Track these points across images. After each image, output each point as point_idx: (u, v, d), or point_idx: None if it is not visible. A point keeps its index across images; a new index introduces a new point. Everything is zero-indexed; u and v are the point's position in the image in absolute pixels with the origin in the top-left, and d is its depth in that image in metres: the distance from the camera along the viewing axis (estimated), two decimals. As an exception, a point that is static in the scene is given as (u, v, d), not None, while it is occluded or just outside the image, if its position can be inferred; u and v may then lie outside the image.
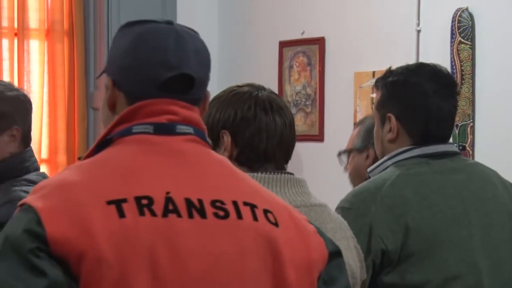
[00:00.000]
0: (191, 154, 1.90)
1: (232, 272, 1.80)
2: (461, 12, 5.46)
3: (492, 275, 3.01)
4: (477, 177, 3.10)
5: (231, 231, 1.82)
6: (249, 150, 2.63)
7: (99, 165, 1.87)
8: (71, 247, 1.70)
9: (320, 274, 1.89)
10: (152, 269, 1.73)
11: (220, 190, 1.87)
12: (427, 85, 3.06)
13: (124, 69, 1.93)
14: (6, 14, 6.36)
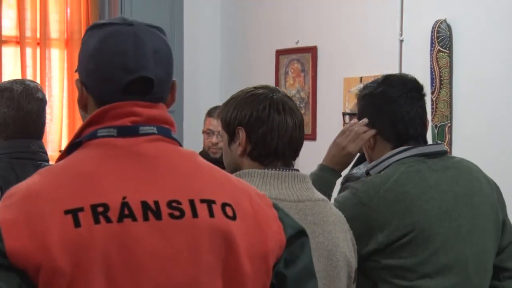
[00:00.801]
0: (153, 155, 1.83)
1: (187, 270, 1.75)
2: (439, 23, 5.46)
3: (477, 263, 3.01)
4: (465, 173, 3.09)
5: (186, 230, 1.76)
6: (261, 147, 2.60)
7: (63, 171, 1.81)
8: (29, 260, 1.66)
9: (282, 257, 1.85)
10: (107, 274, 1.69)
11: (178, 190, 1.81)
12: (391, 91, 3.05)
13: (90, 72, 1.89)
14: (29, 26, 6.35)
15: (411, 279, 2.93)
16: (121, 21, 1.91)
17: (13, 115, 3.39)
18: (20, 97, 3.41)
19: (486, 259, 3.06)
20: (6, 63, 6.34)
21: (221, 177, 1.91)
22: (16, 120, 3.39)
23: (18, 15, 6.35)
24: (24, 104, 3.40)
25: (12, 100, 3.41)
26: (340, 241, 2.61)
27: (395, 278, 2.93)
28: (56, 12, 6.48)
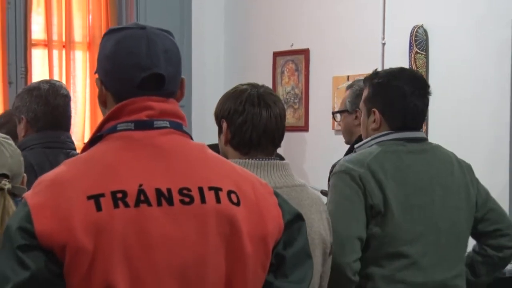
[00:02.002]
0: (166, 147, 1.84)
1: (195, 250, 1.76)
2: (417, 28, 5.46)
3: (448, 234, 3.04)
4: (440, 157, 3.12)
5: (195, 215, 1.77)
6: (238, 137, 2.62)
7: (86, 162, 1.82)
8: (55, 240, 1.68)
9: (281, 239, 1.86)
10: (125, 253, 1.70)
11: (188, 178, 1.81)
12: (406, 87, 3.06)
13: (108, 72, 1.89)
14: (56, 30, 6.31)
15: (394, 246, 2.96)
16: (135, 25, 1.92)
17: (42, 110, 3.42)
18: (47, 94, 3.45)
19: (457, 231, 3.09)
20: (35, 64, 6.31)
21: (227, 167, 1.91)
22: (45, 114, 3.42)
23: (46, 20, 6.32)
24: (51, 100, 3.43)
25: (41, 97, 3.44)
26: (314, 222, 2.62)
27: (378, 247, 2.96)
28: (80, 18, 6.45)
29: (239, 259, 1.80)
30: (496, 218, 3.17)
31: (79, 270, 1.68)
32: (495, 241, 3.15)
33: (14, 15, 6.18)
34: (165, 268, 1.73)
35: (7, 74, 6.16)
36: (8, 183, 2.34)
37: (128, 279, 1.70)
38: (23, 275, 1.67)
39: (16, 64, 6.19)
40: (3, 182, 2.33)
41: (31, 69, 6.25)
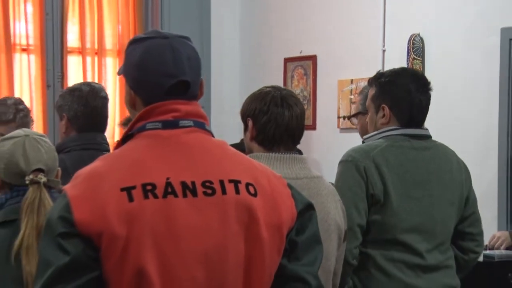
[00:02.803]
0: (190, 144, 1.83)
1: (217, 237, 1.76)
2: (414, 36, 5.46)
3: (442, 225, 3.04)
4: (441, 155, 3.10)
5: (216, 205, 1.77)
6: (263, 134, 2.61)
7: (119, 157, 1.83)
8: (92, 228, 1.68)
9: (294, 226, 1.85)
10: (154, 239, 1.70)
11: (210, 172, 1.80)
12: (411, 85, 3.06)
13: (137, 80, 1.88)
14: (89, 39, 6.34)
15: (393, 233, 2.95)
16: (157, 34, 1.90)
17: (82, 110, 3.40)
18: (87, 95, 3.41)
19: (450, 223, 3.09)
20: (70, 69, 6.34)
21: (245, 161, 1.90)
22: (84, 114, 3.40)
23: (80, 30, 6.36)
24: (91, 101, 3.41)
25: (81, 98, 3.41)
26: (331, 210, 2.62)
27: (380, 232, 2.95)
28: (110, 28, 6.48)
29: (256, 244, 1.79)
30: (473, 222, 3.15)
31: (113, 255, 1.69)
32: (465, 243, 3.14)
33: (52, 25, 6.21)
34: (190, 253, 1.73)
35: (46, 78, 6.20)
36: (43, 177, 2.36)
37: (157, 263, 1.70)
38: (63, 260, 1.67)
39: (54, 70, 6.23)
40: (39, 176, 2.34)
41: (67, 74, 6.28)
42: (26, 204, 2.30)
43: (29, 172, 2.36)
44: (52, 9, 6.20)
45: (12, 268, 2.24)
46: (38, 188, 2.32)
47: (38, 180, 2.33)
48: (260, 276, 1.79)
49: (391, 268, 2.93)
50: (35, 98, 6.16)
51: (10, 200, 2.39)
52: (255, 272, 1.79)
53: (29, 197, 2.31)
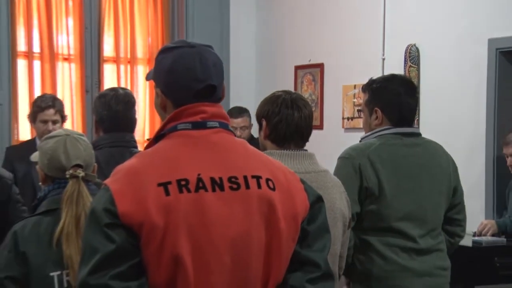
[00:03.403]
0: (217, 142, 1.83)
1: (242, 225, 1.76)
2: (411, 46, 5.45)
3: (432, 213, 3.03)
4: (430, 150, 3.09)
5: (241, 198, 1.77)
6: (275, 133, 2.61)
7: (154, 155, 1.82)
8: (134, 219, 1.68)
9: (306, 217, 1.84)
10: (188, 228, 1.70)
11: (235, 168, 1.80)
12: (400, 89, 3.05)
13: (168, 84, 1.86)
14: (123, 49, 6.37)
15: (388, 222, 2.94)
16: (185, 44, 1.89)
17: (106, 114, 3.39)
18: (110, 101, 3.40)
19: (439, 211, 3.08)
20: (106, 76, 6.37)
21: (264, 159, 1.90)
22: (108, 117, 3.39)
23: (115, 41, 6.38)
24: (113, 106, 3.38)
25: (105, 103, 3.41)
26: (336, 200, 2.62)
27: (376, 221, 2.93)
28: (141, 39, 6.50)
29: (275, 233, 1.78)
30: (460, 209, 3.15)
31: (152, 243, 1.69)
32: (452, 228, 3.14)
33: (90, 37, 6.24)
34: (219, 240, 1.73)
35: (84, 84, 6.23)
36: (82, 171, 2.36)
37: (191, 249, 1.70)
38: (110, 247, 1.67)
39: (92, 76, 6.26)
40: (78, 171, 2.35)
41: (103, 80, 6.31)
42: (66, 195, 2.30)
43: (69, 167, 2.35)
44: (90, 23, 6.23)
45: (54, 251, 2.24)
46: (77, 182, 2.32)
47: (77, 174, 2.33)
48: (278, 260, 1.79)
49: (388, 252, 2.92)
50: (75, 102, 6.19)
51: (52, 192, 2.38)
52: (274, 257, 1.78)
53: (69, 190, 2.31)
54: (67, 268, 2.22)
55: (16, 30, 5.88)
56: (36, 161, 2.50)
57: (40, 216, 2.34)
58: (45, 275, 2.24)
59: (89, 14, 6.22)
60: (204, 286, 1.71)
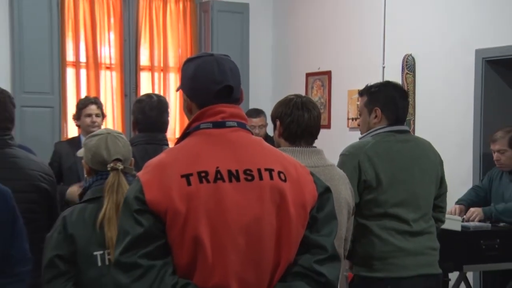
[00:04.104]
0: (235, 140, 1.82)
1: (255, 212, 1.74)
2: (407, 56, 5.42)
3: (424, 200, 3.02)
4: (420, 146, 3.09)
5: (255, 188, 1.76)
6: (288, 131, 2.61)
7: (179, 150, 1.81)
8: (160, 206, 1.68)
9: (314, 206, 1.83)
10: (207, 215, 1.70)
11: (250, 162, 1.79)
12: (394, 93, 3.07)
13: (192, 89, 1.87)
14: (156, 59, 6.37)
15: (385, 207, 2.93)
16: (204, 54, 1.90)
17: (141, 117, 3.42)
18: (145, 107, 3.42)
19: (430, 198, 3.08)
20: (142, 82, 6.38)
21: (277, 154, 1.88)
22: (143, 121, 3.41)
23: (150, 52, 6.40)
24: (147, 111, 3.41)
25: (140, 108, 3.43)
26: (342, 191, 2.62)
27: (374, 207, 2.92)
28: (173, 50, 6.51)
29: (285, 219, 1.77)
30: (443, 198, 3.15)
31: (176, 226, 1.69)
32: (436, 214, 3.12)
33: (129, 48, 6.27)
34: (234, 225, 1.72)
35: (124, 90, 6.26)
36: (121, 165, 2.37)
37: (209, 233, 1.70)
38: (139, 230, 1.68)
39: (130, 83, 6.28)
40: (118, 164, 2.36)
41: (140, 86, 6.33)
42: (108, 185, 2.31)
43: (110, 161, 2.36)
44: (129, 36, 6.26)
45: (97, 234, 2.26)
46: (117, 174, 2.33)
47: (117, 167, 2.34)
48: (288, 244, 1.77)
49: (385, 235, 2.92)
50: (115, 105, 6.22)
51: (95, 183, 2.40)
52: (284, 241, 1.77)
53: (110, 181, 2.32)
54: (108, 248, 2.23)
55: (66, 43, 5.91)
56: (81, 156, 2.51)
57: (85, 203, 2.35)
58: (90, 254, 2.25)
59: (128, 29, 6.25)
60: (221, 265, 1.70)
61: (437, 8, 5.22)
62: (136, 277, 1.66)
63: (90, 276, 2.24)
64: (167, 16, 6.40)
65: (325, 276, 1.78)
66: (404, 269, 2.90)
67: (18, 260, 2.23)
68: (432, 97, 5.25)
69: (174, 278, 1.68)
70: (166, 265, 1.69)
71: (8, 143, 2.99)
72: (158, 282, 1.66)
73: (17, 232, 2.24)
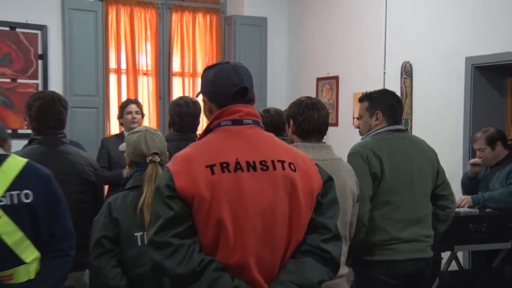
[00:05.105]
0: (251, 135, 1.81)
1: (270, 198, 1.74)
2: (406, 63, 5.37)
3: (421, 189, 2.99)
4: (416, 142, 3.07)
5: (269, 177, 1.75)
6: (300, 129, 2.59)
7: (203, 144, 1.80)
8: (188, 193, 1.68)
9: (320, 192, 1.83)
10: (228, 201, 1.69)
11: (265, 154, 1.78)
12: (392, 99, 3.06)
13: (212, 92, 1.85)
14: (186, 66, 6.38)
15: (386, 197, 2.91)
16: (222, 61, 1.90)
17: (177, 120, 3.45)
18: (180, 109, 3.44)
19: (427, 189, 3.04)
20: (174, 86, 6.39)
21: (287, 148, 1.88)
22: (178, 123, 3.44)
23: (181, 60, 6.41)
24: (184, 116, 3.43)
25: (178, 113, 3.45)
26: (347, 181, 2.60)
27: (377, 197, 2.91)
28: (201, 57, 6.48)
29: (296, 205, 1.77)
30: (445, 187, 3.10)
31: (202, 210, 1.69)
32: (441, 202, 3.09)
33: (163, 56, 6.29)
34: (252, 209, 1.72)
35: (158, 93, 6.27)
36: (158, 158, 2.38)
37: (231, 216, 1.70)
38: (170, 213, 1.68)
39: (163, 86, 6.30)
40: (155, 157, 2.37)
41: (172, 89, 6.35)
42: (147, 176, 2.32)
43: (148, 155, 2.37)
44: (163, 46, 6.28)
45: (138, 217, 2.27)
46: (155, 165, 2.34)
47: (155, 160, 2.35)
48: (298, 226, 1.78)
49: (385, 225, 2.90)
50: (151, 106, 6.24)
51: (136, 173, 2.41)
52: (295, 223, 1.78)
53: (149, 171, 2.33)
54: (147, 230, 2.23)
55: (109, 53, 5.95)
56: (123, 150, 2.53)
57: (127, 191, 2.36)
58: (131, 235, 2.26)
59: (162, 40, 6.27)
60: (241, 245, 1.71)
61: (431, 21, 5.18)
62: (168, 254, 1.67)
63: (131, 254, 2.25)
64: (196, 28, 6.41)
65: (330, 253, 1.79)
66: (399, 254, 2.90)
67: (62, 237, 2.24)
68: (427, 99, 5.22)
69: (201, 255, 1.68)
70: (194, 244, 1.69)
71: (62, 141, 3.01)
72: (187, 258, 1.66)
73: (60, 213, 2.25)
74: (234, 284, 1.68)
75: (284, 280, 1.74)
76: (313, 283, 1.74)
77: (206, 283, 1.65)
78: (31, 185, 2.17)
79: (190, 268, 1.66)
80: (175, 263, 1.66)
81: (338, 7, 6.17)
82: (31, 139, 3.00)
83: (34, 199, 2.16)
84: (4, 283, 2.07)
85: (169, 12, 6.28)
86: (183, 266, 1.65)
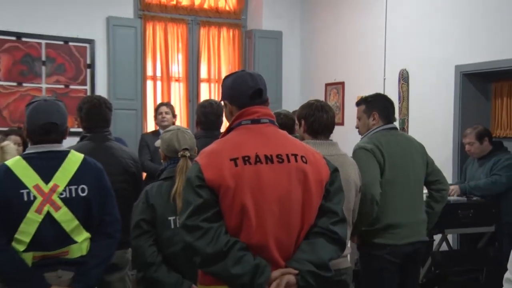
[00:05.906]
0: (268, 132, 1.80)
1: (285, 187, 1.73)
2: (403, 70, 5.33)
3: (415, 180, 2.98)
4: (407, 138, 3.06)
5: (284, 169, 1.74)
6: (311, 128, 2.58)
7: (226, 141, 1.79)
8: (215, 183, 1.67)
9: (327, 182, 1.81)
10: (250, 189, 1.68)
11: (280, 148, 1.77)
12: (386, 102, 3.05)
13: (232, 95, 1.84)
14: (212, 73, 6.37)
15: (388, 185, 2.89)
16: (239, 70, 1.90)
17: (203, 120, 3.42)
18: (206, 110, 3.42)
19: (420, 179, 3.03)
20: (202, 91, 6.38)
21: (299, 143, 1.88)
22: (204, 122, 3.42)
23: (208, 67, 6.40)
24: (209, 115, 3.41)
25: (204, 112, 3.43)
26: (351, 174, 2.60)
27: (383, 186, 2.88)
28: (225, 66, 6.46)
29: (308, 193, 1.77)
30: (436, 173, 3.08)
31: (227, 198, 1.69)
32: (436, 186, 3.07)
33: (192, 65, 6.28)
34: (270, 197, 1.71)
35: (188, 96, 6.28)
36: (188, 153, 2.37)
37: (252, 202, 1.69)
38: (199, 201, 1.68)
39: (193, 91, 6.30)
40: (186, 152, 2.35)
41: (200, 93, 6.34)
42: (179, 168, 2.32)
43: (180, 150, 2.37)
44: (192, 56, 6.28)
45: (171, 204, 2.27)
46: (185, 159, 2.34)
47: (185, 155, 2.35)
48: (310, 211, 1.78)
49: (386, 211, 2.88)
50: (182, 108, 6.26)
51: (169, 166, 2.40)
52: (307, 209, 1.77)
53: (180, 164, 2.32)
54: (179, 215, 2.22)
55: (146, 62, 5.98)
56: (158, 146, 2.53)
57: (162, 181, 2.36)
58: (165, 219, 2.26)
59: (191, 51, 6.28)
60: (261, 227, 1.70)
61: (425, 34, 5.14)
62: (198, 236, 1.67)
63: (165, 235, 2.25)
64: (220, 41, 6.41)
65: (338, 234, 1.79)
66: (401, 238, 2.89)
67: (109, 222, 2.28)
68: (422, 102, 5.18)
69: (227, 237, 1.69)
70: (220, 227, 1.69)
71: (108, 137, 3.05)
72: (215, 239, 1.67)
73: (109, 202, 2.29)
74: (255, 262, 1.68)
75: (300, 258, 1.73)
76: (324, 261, 1.74)
77: (232, 260, 1.66)
78: (87, 180, 2.21)
79: (218, 248, 1.65)
80: (204, 244, 1.66)
81: (344, 22, 6.14)
82: (82, 136, 3.05)
83: (88, 193, 2.19)
84: (62, 257, 2.13)
85: (198, 27, 6.31)
86: (211, 246, 1.65)
